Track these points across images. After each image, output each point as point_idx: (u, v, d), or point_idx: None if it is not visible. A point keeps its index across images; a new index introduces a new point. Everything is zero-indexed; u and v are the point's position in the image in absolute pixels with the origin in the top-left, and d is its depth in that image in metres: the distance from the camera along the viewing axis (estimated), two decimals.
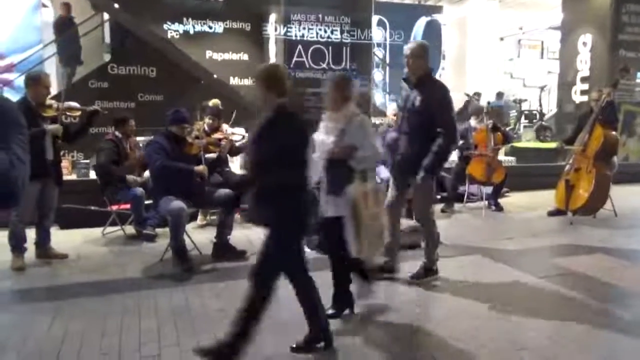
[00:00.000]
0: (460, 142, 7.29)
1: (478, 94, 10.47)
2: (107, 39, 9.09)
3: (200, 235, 5.40)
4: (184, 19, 8.79)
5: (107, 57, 8.80)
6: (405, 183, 4.16)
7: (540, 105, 12.35)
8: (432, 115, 3.90)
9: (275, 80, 2.83)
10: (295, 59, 7.70)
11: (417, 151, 3.98)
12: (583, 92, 9.94)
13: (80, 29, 9.01)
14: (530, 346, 3.07)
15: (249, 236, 5.44)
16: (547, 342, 3.12)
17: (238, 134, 6.14)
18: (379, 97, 11.58)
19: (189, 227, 5.07)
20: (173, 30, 8.61)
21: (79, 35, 9.07)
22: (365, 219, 3.14)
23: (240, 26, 8.84)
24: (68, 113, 5.09)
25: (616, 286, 4.15)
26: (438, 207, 7.17)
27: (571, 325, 3.37)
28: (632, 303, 3.80)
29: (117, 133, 5.74)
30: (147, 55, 8.06)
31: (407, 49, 4.09)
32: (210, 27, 8.93)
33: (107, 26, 8.98)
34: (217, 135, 5.86)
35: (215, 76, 8.29)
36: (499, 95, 12.54)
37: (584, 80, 10.15)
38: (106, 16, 8.82)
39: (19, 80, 7.32)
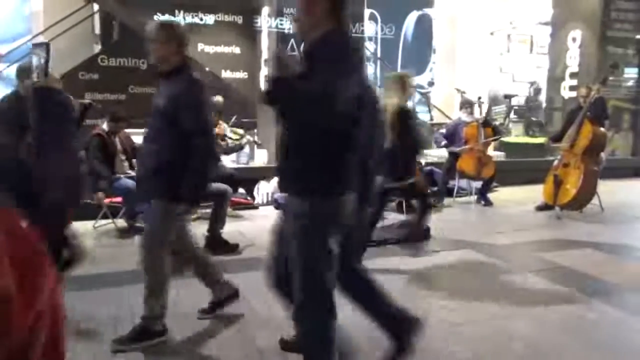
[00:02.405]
0: (444, 142, 7.39)
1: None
2: (97, 30, 9.00)
3: (192, 229, 5.40)
4: (175, 11, 8.73)
5: (97, 49, 8.74)
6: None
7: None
8: (177, 118, 2.97)
9: None
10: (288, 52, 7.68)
11: (158, 163, 3.02)
12: (572, 88, 10.01)
13: (70, 20, 8.91)
14: (519, 338, 3.13)
15: (241, 229, 5.47)
16: (536, 334, 3.19)
17: (237, 134, 6.21)
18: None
19: None
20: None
21: None
22: None
23: (232, 19, 8.82)
24: None
25: (602, 280, 4.23)
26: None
27: (558, 318, 3.45)
28: (617, 297, 3.88)
29: (104, 127, 5.65)
30: (137, 47, 7.99)
31: (148, 32, 3.07)
32: (202, 20, 8.88)
33: (97, 17, 8.89)
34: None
35: (207, 69, 8.26)
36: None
37: (572, 76, 10.22)
38: (96, 7, 8.74)
39: (8, 71, 7.25)
